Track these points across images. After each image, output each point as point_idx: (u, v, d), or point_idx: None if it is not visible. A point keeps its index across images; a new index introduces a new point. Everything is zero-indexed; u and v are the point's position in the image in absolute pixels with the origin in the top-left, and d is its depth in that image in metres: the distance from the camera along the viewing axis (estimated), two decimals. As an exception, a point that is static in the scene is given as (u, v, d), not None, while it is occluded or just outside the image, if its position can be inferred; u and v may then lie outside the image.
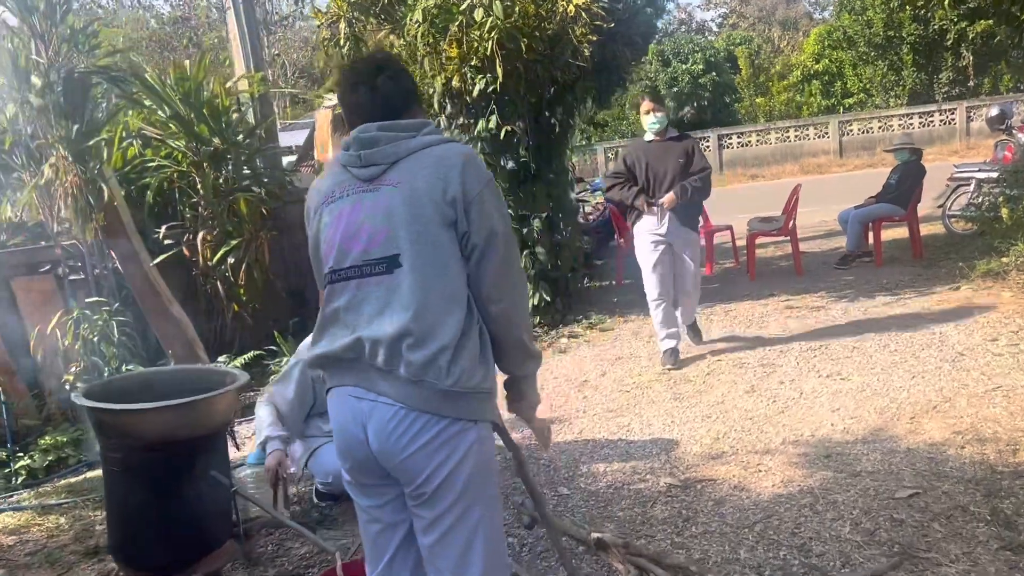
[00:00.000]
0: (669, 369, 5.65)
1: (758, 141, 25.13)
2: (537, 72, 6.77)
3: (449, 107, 6.88)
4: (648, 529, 3.47)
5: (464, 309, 1.93)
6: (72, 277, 7.06)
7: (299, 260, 8.66)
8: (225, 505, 3.03)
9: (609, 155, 23.27)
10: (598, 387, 5.56)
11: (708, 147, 25.11)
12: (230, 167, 7.44)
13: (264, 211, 7.47)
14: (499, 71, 6.23)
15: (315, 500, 3.99)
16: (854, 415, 4.48)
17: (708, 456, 4.19)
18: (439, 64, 6.61)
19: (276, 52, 29.09)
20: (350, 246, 1.97)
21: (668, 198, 5.46)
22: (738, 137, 25.33)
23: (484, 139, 6.97)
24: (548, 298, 7.24)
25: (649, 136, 5.64)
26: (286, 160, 10.02)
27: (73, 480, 4.93)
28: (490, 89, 6.43)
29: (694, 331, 6.18)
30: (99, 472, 4.05)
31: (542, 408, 2.34)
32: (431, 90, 6.84)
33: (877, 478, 3.67)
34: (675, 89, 27.88)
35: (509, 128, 6.68)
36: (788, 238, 8.79)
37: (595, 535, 3.23)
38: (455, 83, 6.54)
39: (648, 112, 5.58)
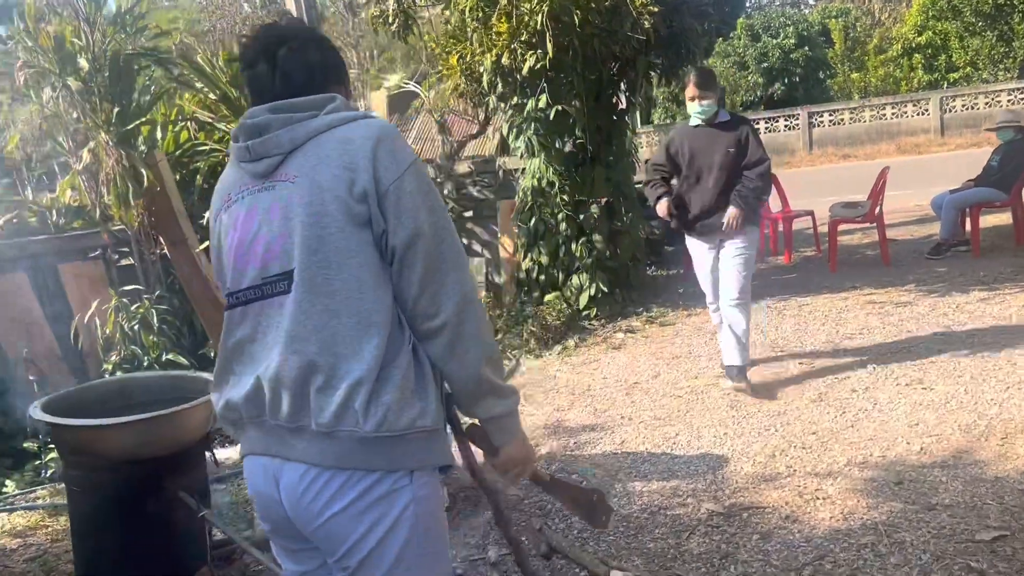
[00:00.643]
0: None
1: (851, 119, 23.81)
2: (594, 47, 6.31)
3: (500, 86, 6.49)
4: (680, 566, 3.04)
5: (386, 331, 1.53)
6: (122, 263, 7.01)
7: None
8: (199, 528, 2.76)
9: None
10: (649, 390, 5.12)
11: (797, 125, 23.97)
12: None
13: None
14: (549, 46, 5.80)
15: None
16: (934, 432, 3.93)
17: (760, 477, 3.71)
18: (489, 40, 6.23)
19: (360, 35, 29.09)
20: (246, 262, 1.60)
21: (731, 214, 4.58)
22: (830, 115, 24.05)
23: (537, 120, 6.56)
24: (605, 289, 6.80)
25: (695, 121, 4.78)
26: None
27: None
28: (539, 66, 6.00)
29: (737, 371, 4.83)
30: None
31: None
32: (481, 68, 6.46)
33: (956, 513, 3.15)
34: (765, 64, 26.73)
35: (560, 108, 6.24)
36: (874, 225, 8.08)
37: (615, 574, 2.84)
38: (505, 60, 6.14)
39: (693, 99, 4.69)
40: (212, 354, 6.48)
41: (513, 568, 3.12)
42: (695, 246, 4.97)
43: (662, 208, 4.84)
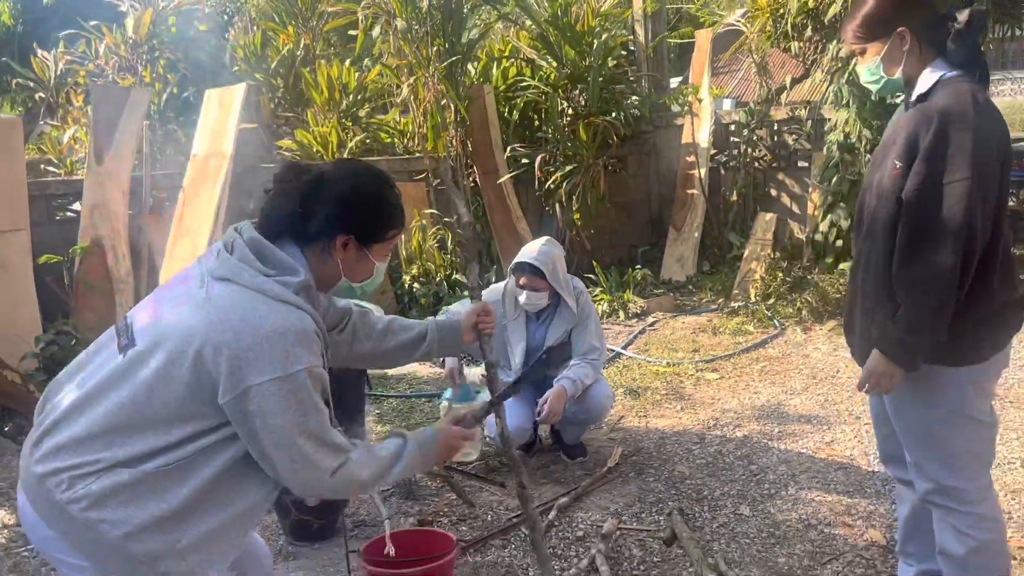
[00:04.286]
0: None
1: None
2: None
3: (809, 29, 5.90)
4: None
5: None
6: (442, 187, 7.77)
7: (663, 186, 8.43)
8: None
9: None
10: None
11: None
12: (575, 91, 7.38)
13: (615, 137, 7.32)
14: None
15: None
16: None
17: None
18: (797, -21, 5.68)
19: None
20: None
21: None
22: None
23: (852, 67, 5.87)
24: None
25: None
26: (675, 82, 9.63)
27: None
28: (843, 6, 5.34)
29: None
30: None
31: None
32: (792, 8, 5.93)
33: None
34: None
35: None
36: None
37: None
38: (811, 2, 5.57)
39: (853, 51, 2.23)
40: (493, 279, 7.01)
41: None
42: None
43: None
